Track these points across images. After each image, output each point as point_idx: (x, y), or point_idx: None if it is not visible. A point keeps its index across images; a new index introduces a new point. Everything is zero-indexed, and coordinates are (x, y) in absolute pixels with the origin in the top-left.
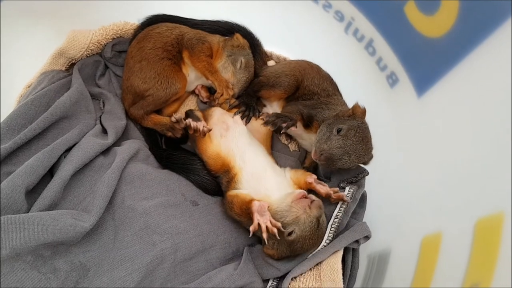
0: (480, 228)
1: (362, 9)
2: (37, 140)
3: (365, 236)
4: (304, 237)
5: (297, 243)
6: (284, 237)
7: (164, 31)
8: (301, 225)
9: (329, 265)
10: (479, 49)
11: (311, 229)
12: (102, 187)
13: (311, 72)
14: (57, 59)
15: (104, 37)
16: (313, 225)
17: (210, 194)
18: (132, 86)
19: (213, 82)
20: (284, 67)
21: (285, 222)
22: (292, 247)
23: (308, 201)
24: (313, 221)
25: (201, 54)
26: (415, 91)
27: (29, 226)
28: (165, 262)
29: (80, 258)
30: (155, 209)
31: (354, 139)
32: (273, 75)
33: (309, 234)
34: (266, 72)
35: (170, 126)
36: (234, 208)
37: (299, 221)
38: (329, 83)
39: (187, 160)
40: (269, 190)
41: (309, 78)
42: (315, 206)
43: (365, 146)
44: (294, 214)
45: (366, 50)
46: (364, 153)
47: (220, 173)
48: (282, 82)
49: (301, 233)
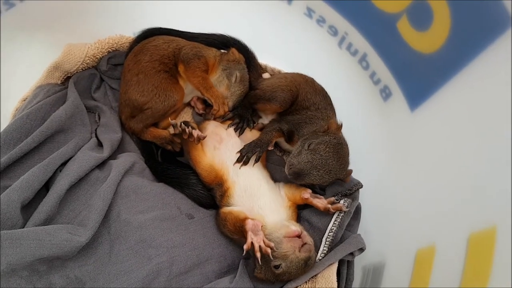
0: (474, 242)
1: (355, 24)
2: (32, 154)
3: (359, 248)
4: (290, 273)
5: (283, 275)
6: (271, 266)
7: (160, 44)
8: (288, 262)
9: (324, 277)
10: (471, 65)
11: (297, 268)
12: (98, 201)
13: (306, 87)
14: (52, 72)
15: (99, 50)
16: (300, 265)
17: (205, 208)
18: (130, 99)
19: (208, 98)
20: (280, 81)
21: (273, 254)
22: (278, 277)
23: (300, 243)
24: (300, 262)
25: (197, 69)
26: (408, 105)
27: (25, 242)
28: (161, 276)
29: (76, 273)
30: (151, 223)
31: (323, 153)
32: (269, 89)
33: (295, 271)
34: (262, 85)
35: (170, 139)
36: (228, 225)
37: (286, 258)
38: (322, 97)
39: (182, 174)
40: (263, 210)
41: (303, 93)
42: (305, 250)
43: (336, 162)
44: (284, 250)
45: (359, 64)
46: (335, 169)
47: (213, 185)
48: (278, 97)
49: (287, 269)
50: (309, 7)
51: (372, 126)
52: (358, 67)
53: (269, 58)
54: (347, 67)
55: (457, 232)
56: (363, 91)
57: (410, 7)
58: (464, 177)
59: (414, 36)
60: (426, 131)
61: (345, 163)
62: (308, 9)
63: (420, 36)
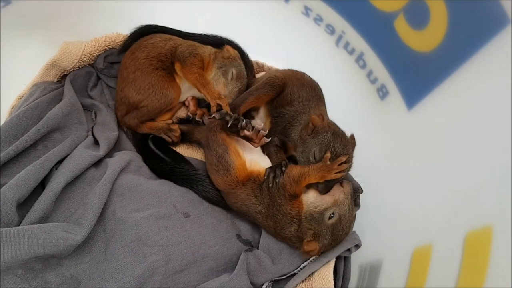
0: (470, 241)
1: (352, 23)
2: (28, 152)
3: (355, 245)
4: (344, 216)
5: (338, 225)
6: (325, 222)
7: (158, 42)
8: (340, 204)
9: (321, 276)
10: (468, 63)
11: (349, 207)
12: (94, 199)
13: (294, 80)
14: (49, 70)
15: (96, 48)
16: (350, 202)
17: (214, 204)
18: (126, 97)
19: (205, 95)
20: (269, 73)
21: (323, 209)
22: (334, 232)
23: (337, 184)
24: (349, 198)
25: (193, 66)
26: (405, 104)
27: (20, 240)
28: (157, 274)
29: (71, 271)
30: (146, 221)
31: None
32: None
33: (348, 212)
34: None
35: (167, 129)
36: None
37: (337, 202)
38: (308, 90)
39: (191, 171)
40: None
41: (290, 86)
42: (346, 183)
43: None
44: (331, 197)
45: (357, 63)
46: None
47: (241, 183)
48: (266, 84)
49: (341, 212)
50: (306, 6)
51: (369, 125)
52: (355, 66)
53: (266, 57)
54: (344, 66)
55: (454, 231)
56: (360, 90)
57: (407, 6)
58: (461, 176)
59: (411, 35)
60: (423, 130)
61: (344, 140)
62: (305, 8)
63: (417, 35)
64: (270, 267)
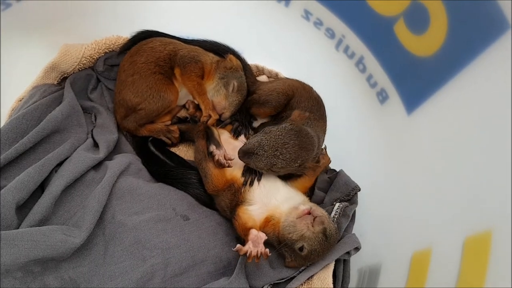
0: (469, 245)
1: (352, 27)
2: (28, 155)
3: (355, 247)
4: (315, 250)
5: (310, 255)
6: (296, 251)
7: (157, 46)
8: (308, 240)
9: (320, 279)
10: (468, 68)
11: (320, 243)
12: (93, 202)
13: (302, 92)
14: (49, 73)
15: (96, 51)
16: (320, 239)
17: (207, 206)
18: (124, 99)
19: (200, 103)
20: (277, 85)
21: (293, 239)
22: (307, 259)
23: (311, 218)
24: (319, 236)
25: (192, 73)
26: (404, 108)
27: (20, 243)
28: (156, 277)
29: (70, 274)
30: (146, 224)
31: (273, 136)
32: (265, 93)
33: (319, 246)
34: (260, 90)
35: (166, 130)
36: (237, 225)
37: (305, 237)
38: (315, 104)
39: (186, 174)
40: (279, 201)
41: (298, 96)
42: (318, 222)
43: (289, 147)
44: (299, 230)
45: (356, 67)
46: (288, 153)
47: (223, 189)
48: (273, 100)
49: (311, 247)
50: (306, 10)
51: (369, 129)
52: (355, 70)
53: (266, 60)
54: (343, 70)
55: (453, 235)
56: (360, 94)
57: (407, 11)
58: (460, 180)
59: (411, 40)
60: (422, 134)
61: (304, 149)
62: (305, 11)
63: (417, 40)
64: (268, 271)
